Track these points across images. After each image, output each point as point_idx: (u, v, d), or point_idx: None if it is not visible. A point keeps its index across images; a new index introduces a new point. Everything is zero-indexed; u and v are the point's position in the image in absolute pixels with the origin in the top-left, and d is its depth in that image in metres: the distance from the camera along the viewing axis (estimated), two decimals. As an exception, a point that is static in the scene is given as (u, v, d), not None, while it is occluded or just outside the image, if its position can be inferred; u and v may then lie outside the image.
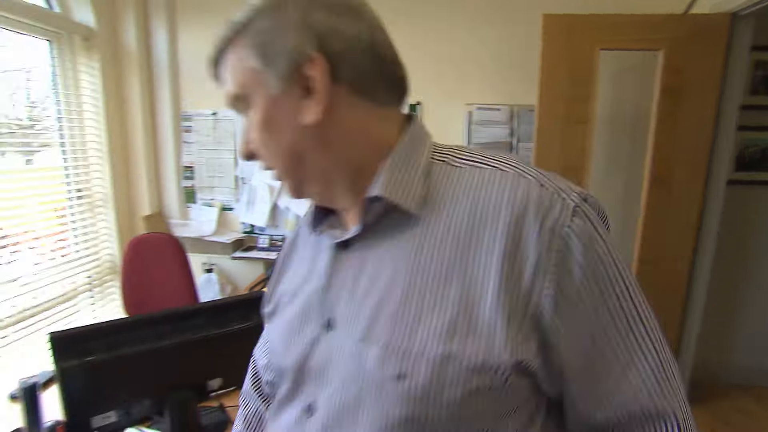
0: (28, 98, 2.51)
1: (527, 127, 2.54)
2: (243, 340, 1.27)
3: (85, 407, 1.09)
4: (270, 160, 0.58)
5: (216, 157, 2.95)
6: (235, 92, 0.58)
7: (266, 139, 0.56)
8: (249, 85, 0.55)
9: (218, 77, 0.62)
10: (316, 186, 0.59)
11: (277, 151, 0.56)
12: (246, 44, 0.54)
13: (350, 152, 0.55)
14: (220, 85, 0.62)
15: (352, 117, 0.54)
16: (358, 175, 0.56)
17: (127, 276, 2.28)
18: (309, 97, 0.51)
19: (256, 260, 2.82)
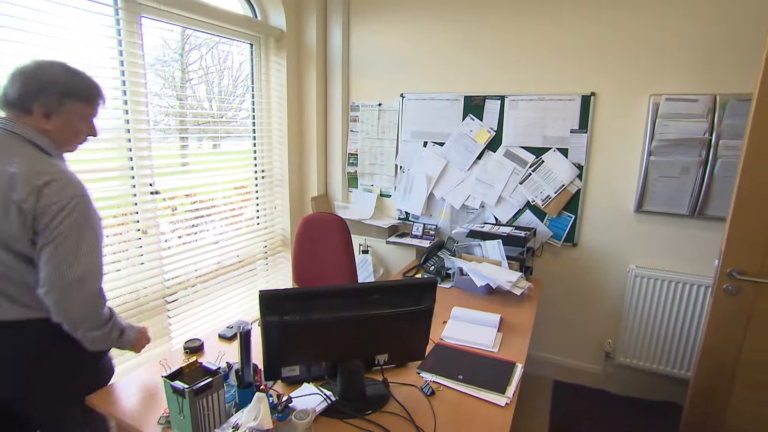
0: (220, 94, 2.97)
1: (735, 122, 2.12)
2: (413, 322, 1.33)
3: (278, 358, 1.26)
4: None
5: (378, 146, 3.12)
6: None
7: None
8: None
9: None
10: None
11: None
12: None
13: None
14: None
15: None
16: None
17: (297, 248, 2.56)
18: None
19: (409, 246, 2.93)
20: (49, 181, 1.16)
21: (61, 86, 1.22)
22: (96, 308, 1.25)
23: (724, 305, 2.04)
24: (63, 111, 1.24)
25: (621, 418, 2.44)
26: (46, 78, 1.21)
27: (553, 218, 2.67)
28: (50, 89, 1.21)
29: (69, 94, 1.23)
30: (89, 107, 1.30)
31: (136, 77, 2.09)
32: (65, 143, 1.30)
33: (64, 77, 1.24)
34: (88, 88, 1.28)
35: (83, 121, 1.30)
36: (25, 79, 1.20)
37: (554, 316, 2.79)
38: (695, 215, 2.33)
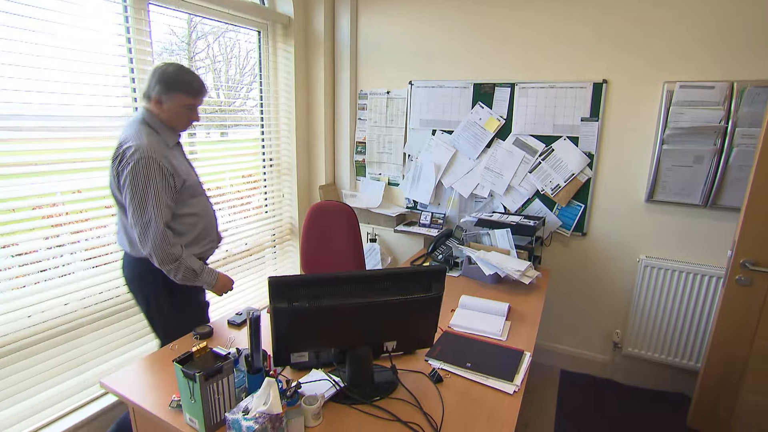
0: (228, 83, 2.96)
1: (753, 110, 2.07)
2: (422, 309, 1.33)
3: (287, 344, 1.27)
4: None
5: (386, 134, 3.10)
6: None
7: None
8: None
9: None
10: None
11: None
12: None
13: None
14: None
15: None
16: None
17: (305, 237, 2.57)
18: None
19: (417, 235, 2.92)
20: (128, 147, 1.52)
21: (169, 80, 1.60)
22: (162, 247, 1.56)
23: (736, 296, 2.02)
24: (169, 99, 1.61)
25: (628, 408, 2.44)
26: (159, 74, 1.60)
27: (563, 207, 2.64)
28: (162, 82, 1.59)
29: (174, 87, 1.60)
30: (189, 97, 1.65)
31: (144, 65, 2.09)
32: (172, 124, 1.68)
33: (173, 74, 1.61)
34: (189, 82, 1.64)
35: (186, 108, 1.66)
36: (150, 75, 1.62)
37: (562, 305, 2.78)
38: (708, 205, 2.29)
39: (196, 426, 1.14)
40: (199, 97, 1.68)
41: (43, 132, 1.79)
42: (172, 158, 1.62)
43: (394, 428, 1.17)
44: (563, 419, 2.33)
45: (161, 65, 1.63)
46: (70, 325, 1.92)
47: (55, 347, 1.88)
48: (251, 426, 1.00)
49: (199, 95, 1.68)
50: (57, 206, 1.86)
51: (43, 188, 1.80)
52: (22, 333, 1.77)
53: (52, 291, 1.85)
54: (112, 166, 1.57)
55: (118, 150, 1.55)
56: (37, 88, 1.74)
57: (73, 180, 1.90)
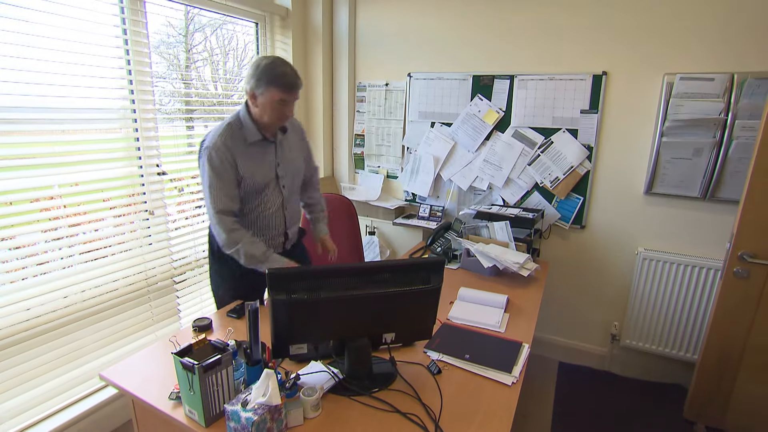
0: (225, 75, 2.94)
1: (752, 102, 2.06)
2: (420, 301, 1.33)
3: (286, 335, 1.27)
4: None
5: (385, 126, 3.09)
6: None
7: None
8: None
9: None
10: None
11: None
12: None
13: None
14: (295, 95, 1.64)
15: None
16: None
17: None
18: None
19: (416, 228, 2.92)
20: (202, 141, 1.67)
21: (261, 74, 1.58)
22: (218, 231, 1.66)
23: (733, 288, 2.03)
24: (261, 94, 1.60)
25: (625, 399, 2.45)
26: (254, 67, 1.60)
27: (562, 200, 2.64)
28: (255, 76, 1.59)
29: (267, 81, 1.57)
30: (280, 92, 1.59)
31: (141, 56, 2.07)
32: (264, 119, 1.66)
33: (266, 67, 1.58)
34: (282, 75, 1.58)
35: (278, 103, 1.61)
36: (249, 68, 1.62)
37: (561, 298, 2.79)
38: (707, 198, 2.29)
39: (196, 417, 1.14)
40: (291, 92, 1.61)
41: (39, 124, 1.78)
42: (241, 154, 1.65)
43: (392, 419, 1.18)
44: (561, 411, 2.35)
45: (258, 58, 1.61)
46: (69, 318, 1.92)
47: (55, 340, 1.89)
48: (250, 417, 1.00)
49: (292, 90, 1.61)
50: (54, 199, 1.85)
51: (41, 182, 1.79)
52: (21, 326, 1.77)
53: (52, 284, 1.85)
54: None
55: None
56: (34, 81, 1.73)
57: (71, 173, 1.89)
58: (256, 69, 1.58)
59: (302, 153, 1.91)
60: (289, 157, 1.81)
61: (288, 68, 1.60)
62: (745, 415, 2.11)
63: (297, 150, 1.87)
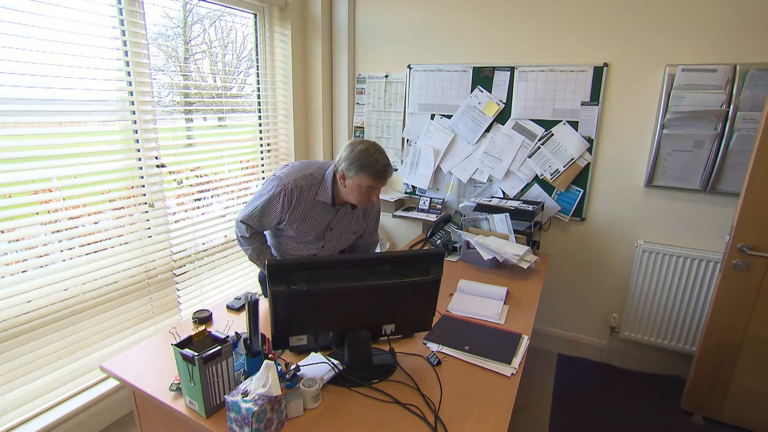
0: (223, 68, 2.92)
1: (755, 93, 2.05)
2: (420, 293, 1.33)
3: (285, 327, 1.27)
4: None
5: (385, 118, 3.07)
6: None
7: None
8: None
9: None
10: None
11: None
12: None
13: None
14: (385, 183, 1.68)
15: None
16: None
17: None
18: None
19: (416, 220, 2.92)
20: (280, 169, 1.81)
21: (354, 159, 1.60)
22: (237, 231, 1.87)
23: (732, 281, 2.03)
24: (351, 178, 1.63)
25: (623, 391, 2.47)
26: (349, 150, 1.63)
27: (562, 192, 2.64)
28: (347, 159, 1.62)
29: (359, 168, 1.59)
30: (371, 179, 1.61)
31: (138, 47, 2.05)
32: (348, 198, 1.71)
33: (360, 153, 1.60)
34: (374, 163, 1.59)
35: (366, 189, 1.64)
36: (344, 148, 1.67)
37: (560, 290, 2.79)
38: (707, 190, 2.29)
39: (196, 408, 1.14)
40: (381, 181, 1.63)
41: (34, 116, 1.77)
42: (301, 206, 1.73)
43: (392, 410, 1.18)
44: (559, 402, 2.36)
45: (354, 141, 1.66)
46: (70, 311, 1.93)
47: (56, 332, 1.89)
48: (250, 408, 1.01)
49: (382, 179, 1.63)
50: (52, 191, 1.85)
51: (39, 174, 1.79)
52: (22, 318, 1.77)
53: (52, 276, 1.85)
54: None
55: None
56: (29, 72, 1.71)
57: (69, 166, 1.88)
58: (351, 152, 1.62)
59: (360, 226, 1.94)
60: (343, 227, 1.87)
61: (381, 156, 1.62)
62: (742, 406, 2.13)
63: (356, 222, 1.91)
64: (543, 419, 2.23)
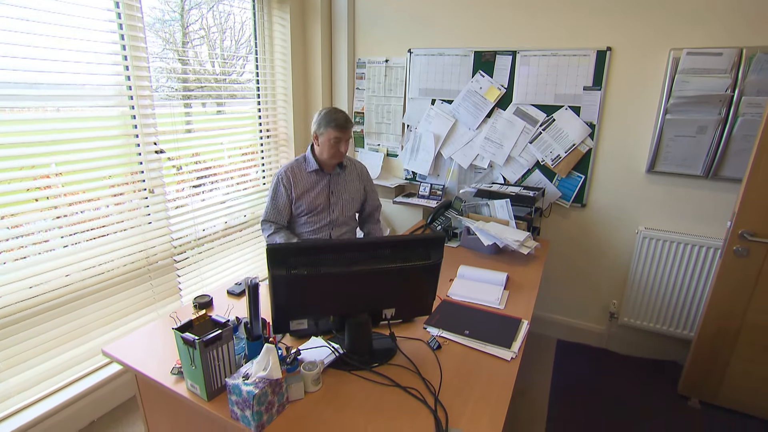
0: (223, 54, 2.88)
1: (761, 77, 2.02)
2: (420, 277, 1.33)
3: (286, 311, 1.27)
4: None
5: (385, 104, 3.04)
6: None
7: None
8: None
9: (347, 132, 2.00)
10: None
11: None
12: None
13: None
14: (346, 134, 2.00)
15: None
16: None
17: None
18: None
19: (416, 206, 2.91)
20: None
21: (321, 119, 1.99)
22: (262, 225, 2.15)
23: (732, 267, 2.03)
24: (321, 134, 1.99)
25: (621, 376, 2.49)
26: (317, 115, 2.01)
27: (563, 178, 2.62)
28: (317, 121, 2.00)
29: (325, 124, 1.97)
30: (335, 131, 1.96)
31: (135, 31, 2.02)
32: (323, 155, 2.04)
33: (325, 114, 1.98)
34: (335, 119, 1.96)
35: (334, 140, 1.98)
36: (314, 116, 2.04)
37: (560, 276, 2.80)
38: (709, 176, 2.27)
39: (198, 391, 1.15)
40: (343, 131, 1.96)
41: (29, 101, 1.75)
42: (298, 181, 2.06)
43: (393, 393, 1.19)
44: (558, 387, 2.38)
45: (321, 109, 2.04)
46: (71, 296, 1.93)
47: (58, 317, 1.90)
48: (251, 391, 1.01)
49: (344, 128, 1.96)
50: (50, 177, 1.84)
51: (37, 161, 1.78)
52: (25, 303, 1.78)
53: (52, 262, 1.85)
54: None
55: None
56: (22, 55, 1.69)
57: (67, 152, 1.87)
58: (317, 116, 2.00)
59: (359, 189, 2.24)
60: (341, 189, 2.16)
61: (340, 113, 1.98)
62: (738, 390, 2.14)
63: (352, 185, 2.20)
64: (542, 403, 2.25)
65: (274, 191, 2.08)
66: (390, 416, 1.11)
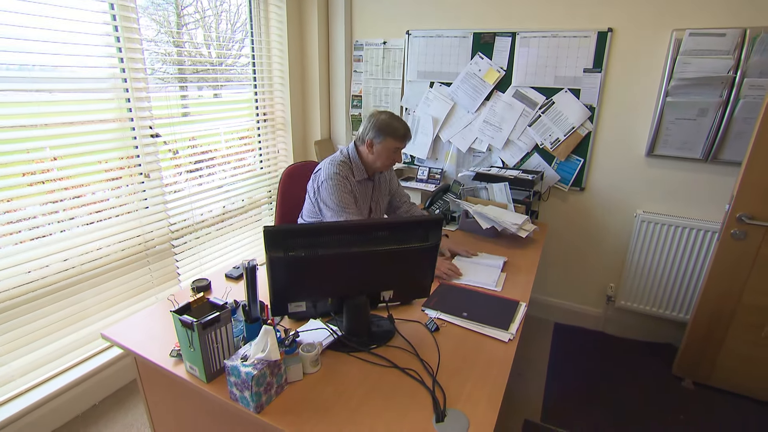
0: (218, 39, 2.82)
1: (764, 59, 1.98)
2: (419, 259, 1.32)
3: (284, 293, 1.27)
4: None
5: (383, 86, 3.01)
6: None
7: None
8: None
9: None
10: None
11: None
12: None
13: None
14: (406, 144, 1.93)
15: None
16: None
17: (280, 202, 2.32)
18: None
19: (415, 190, 2.90)
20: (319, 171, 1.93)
21: (381, 126, 1.84)
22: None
23: (729, 250, 2.04)
24: (379, 143, 1.86)
25: (617, 358, 2.51)
26: (373, 120, 1.86)
27: (562, 162, 2.61)
28: (374, 128, 1.85)
29: (385, 132, 1.83)
30: (396, 141, 1.85)
31: (128, 11, 1.98)
32: (376, 164, 1.91)
33: (385, 121, 1.84)
34: (398, 128, 1.84)
35: (393, 151, 1.88)
36: (365, 120, 1.90)
37: (558, 260, 2.81)
38: (709, 159, 2.26)
39: (197, 373, 1.16)
40: (404, 142, 1.87)
41: (22, 83, 1.73)
42: (355, 186, 1.91)
43: (391, 374, 1.20)
44: (555, 369, 2.41)
45: (375, 111, 1.89)
46: (69, 281, 1.93)
47: (57, 302, 1.90)
48: (250, 372, 1.02)
49: (405, 140, 1.87)
50: (44, 162, 1.82)
51: (31, 145, 1.76)
52: (23, 288, 1.78)
53: (50, 247, 1.85)
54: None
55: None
56: (13, 35, 1.66)
57: (61, 136, 1.85)
58: (375, 122, 1.85)
59: (390, 191, 2.14)
60: (380, 196, 2.07)
61: (401, 122, 1.87)
62: (731, 371, 2.17)
63: (385, 189, 2.11)
64: (539, 385, 2.28)
65: (344, 200, 1.83)
66: (388, 397, 1.12)
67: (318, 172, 1.93)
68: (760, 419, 2.06)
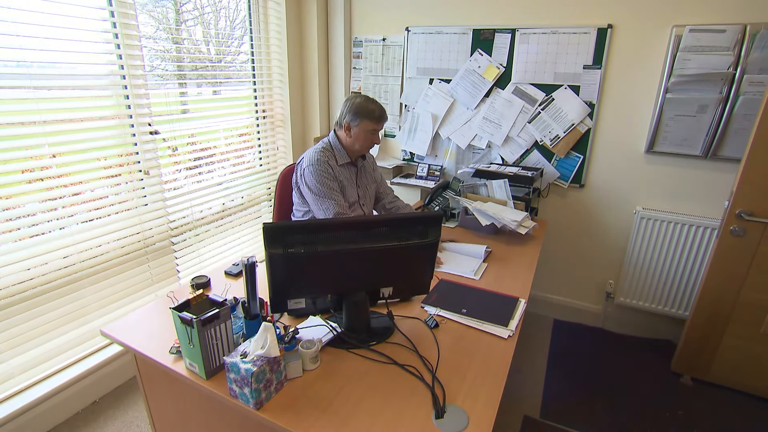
0: (217, 36, 2.82)
1: (763, 55, 1.98)
2: (418, 255, 1.32)
3: (283, 290, 1.27)
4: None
5: (382, 83, 3.00)
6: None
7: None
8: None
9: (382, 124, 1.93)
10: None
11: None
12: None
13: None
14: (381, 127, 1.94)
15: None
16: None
17: (278, 204, 2.28)
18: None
19: (414, 187, 2.90)
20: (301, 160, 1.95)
21: (357, 109, 1.87)
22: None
23: (728, 247, 2.04)
24: (356, 126, 1.89)
25: (616, 355, 2.52)
26: (349, 104, 1.89)
27: (561, 159, 2.61)
28: (351, 111, 1.88)
29: (361, 115, 1.87)
30: (372, 123, 1.89)
31: (126, 9, 1.97)
32: (355, 147, 1.94)
33: (360, 104, 1.87)
34: (373, 110, 1.87)
35: (370, 132, 1.91)
36: (342, 105, 1.92)
37: (558, 257, 2.81)
38: (708, 156, 2.26)
39: (196, 370, 1.16)
40: (380, 123, 1.91)
41: (20, 80, 1.72)
42: (339, 171, 1.93)
43: (391, 371, 1.20)
44: (554, 366, 2.42)
45: (351, 96, 1.92)
46: (69, 279, 1.93)
47: (56, 300, 1.90)
48: (249, 368, 1.02)
49: (381, 121, 1.91)
50: (42, 159, 1.82)
51: (30, 142, 1.75)
52: (23, 285, 1.78)
53: (49, 244, 1.85)
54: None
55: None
56: (11, 32, 1.65)
57: (60, 133, 1.84)
58: (351, 106, 1.88)
59: (374, 178, 2.17)
60: (365, 182, 2.10)
61: (376, 104, 1.90)
62: (729, 367, 2.18)
63: (370, 175, 2.14)
64: (538, 381, 2.28)
65: (326, 186, 1.85)
66: (388, 394, 1.12)
67: (301, 161, 1.95)
68: (757, 415, 2.07)
